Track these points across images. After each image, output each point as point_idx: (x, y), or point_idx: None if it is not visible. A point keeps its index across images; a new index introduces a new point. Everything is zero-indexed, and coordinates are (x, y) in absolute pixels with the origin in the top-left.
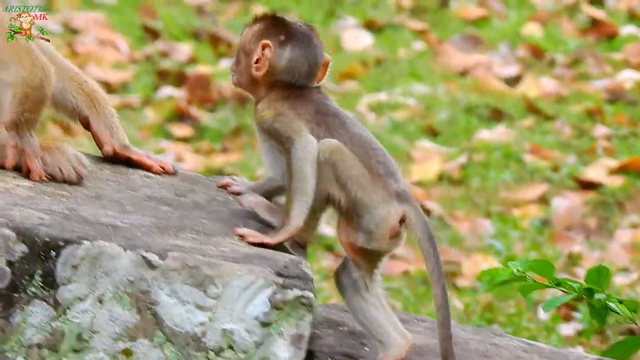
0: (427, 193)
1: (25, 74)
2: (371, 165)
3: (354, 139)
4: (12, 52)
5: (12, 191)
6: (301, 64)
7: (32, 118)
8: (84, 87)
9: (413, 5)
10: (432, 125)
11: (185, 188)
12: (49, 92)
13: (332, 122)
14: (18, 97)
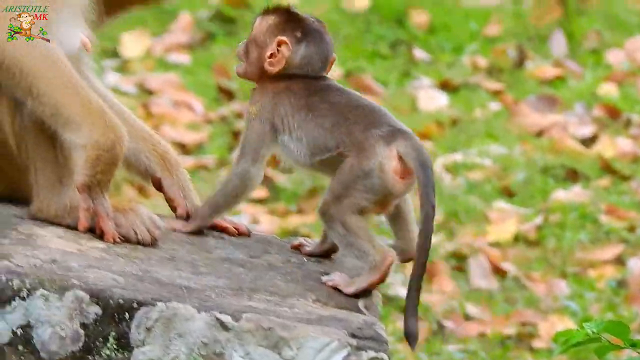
0: (503, 254)
1: (97, 136)
2: (350, 131)
3: (333, 109)
4: (85, 114)
5: (86, 253)
6: (315, 61)
7: (105, 180)
8: (157, 148)
9: (489, 65)
10: (508, 185)
11: (259, 249)
12: (121, 154)
13: (315, 100)
14: (90, 159)
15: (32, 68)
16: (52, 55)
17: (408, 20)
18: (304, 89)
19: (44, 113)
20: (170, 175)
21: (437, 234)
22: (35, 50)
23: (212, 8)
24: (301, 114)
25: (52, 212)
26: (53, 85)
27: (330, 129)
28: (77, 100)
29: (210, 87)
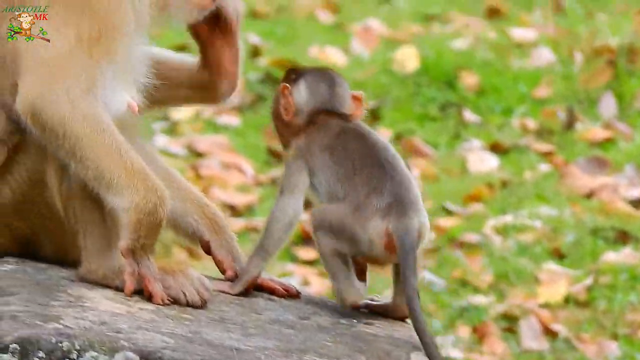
0: (553, 315)
1: (138, 200)
2: (355, 189)
3: (348, 158)
4: (127, 177)
5: (136, 314)
6: (322, 91)
7: (148, 243)
8: (205, 210)
9: (539, 127)
10: (559, 247)
11: (309, 311)
12: (163, 217)
13: (338, 143)
14: (132, 223)
15: (75, 130)
16: (95, 117)
17: (458, 82)
18: (331, 127)
19: (87, 176)
20: (218, 238)
21: (487, 296)
22: (78, 111)
23: (262, 70)
24: (325, 155)
25: (100, 274)
26: (95, 148)
27: (342, 179)
28: (119, 163)
29: (260, 150)
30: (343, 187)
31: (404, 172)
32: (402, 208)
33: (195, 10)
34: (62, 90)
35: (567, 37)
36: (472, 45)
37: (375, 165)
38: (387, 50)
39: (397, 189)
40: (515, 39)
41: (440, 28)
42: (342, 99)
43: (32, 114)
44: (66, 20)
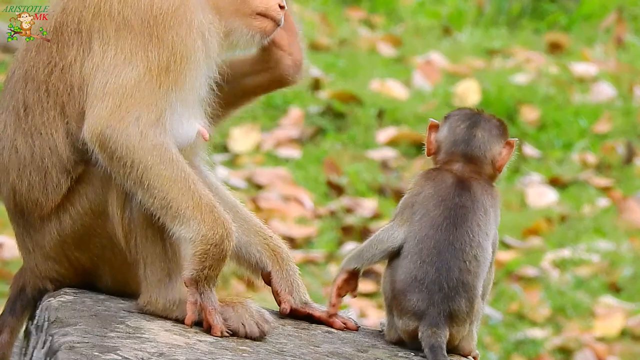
0: (609, 349)
1: (205, 231)
2: (410, 274)
3: (419, 238)
4: (194, 208)
5: (194, 346)
6: (457, 128)
7: (212, 275)
8: (268, 242)
9: (598, 161)
10: (616, 281)
11: (367, 344)
12: (229, 250)
13: (433, 205)
14: (198, 254)
15: (143, 159)
16: (163, 146)
17: (518, 116)
18: (446, 177)
19: (154, 205)
20: (280, 270)
21: (544, 329)
22: (147, 141)
23: (322, 103)
24: (421, 211)
25: (160, 305)
26: (163, 178)
27: (417, 238)
28: (187, 193)
29: (319, 182)
30: (411, 247)
31: (464, 263)
32: (436, 316)
33: (258, 35)
34: (131, 120)
35: (627, 72)
36: (533, 80)
37: (443, 245)
38: (448, 84)
39: (444, 287)
40: (576, 74)
41: (501, 62)
42: (483, 143)
43: (100, 142)
44: (135, 50)
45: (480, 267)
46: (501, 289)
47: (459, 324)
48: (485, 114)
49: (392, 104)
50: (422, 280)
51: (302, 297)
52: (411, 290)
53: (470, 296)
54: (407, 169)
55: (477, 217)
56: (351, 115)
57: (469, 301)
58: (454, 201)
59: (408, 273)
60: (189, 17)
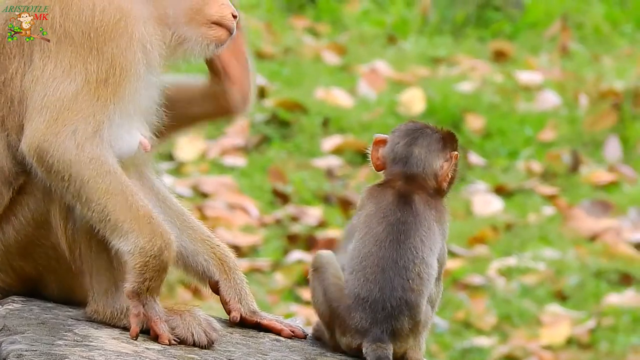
0: (555, 357)
1: (143, 243)
2: (354, 291)
3: (362, 255)
4: (132, 220)
5: (142, 354)
6: (398, 144)
7: (154, 286)
8: (215, 251)
9: (543, 170)
10: (562, 289)
11: (315, 352)
12: (169, 261)
13: (375, 222)
14: (138, 266)
15: (80, 173)
16: (101, 159)
17: (464, 124)
18: (386, 198)
19: (93, 218)
20: (228, 279)
21: (490, 337)
22: (84, 154)
23: (267, 111)
24: (364, 229)
25: (107, 315)
26: (100, 191)
27: (359, 257)
28: (124, 206)
29: (265, 191)
30: (355, 264)
31: (408, 281)
32: (380, 334)
33: (212, 45)
34: (68, 133)
35: (572, 81)
36: (478, 88)
37: (387, 262)
38: (393, 92)
39: (387, 307)
40: (521, 82)
41: (446, 71)
42: (420, 160)
43: (38, 156)
44: (74, 62)
45: (424, 284)
46: (447, 298)
47: (402, 340)
48: (428, 129)
49: (337, 112)
50: (366, 298)
51: (250, 306)
52: (355, 309)
53: (413, 314)
54: (352, 177)
55: (420, 232)
56: (296, 124)
57: (412, 319)
58: (395, 216)
59: (352, 290)
60: (130, 29)
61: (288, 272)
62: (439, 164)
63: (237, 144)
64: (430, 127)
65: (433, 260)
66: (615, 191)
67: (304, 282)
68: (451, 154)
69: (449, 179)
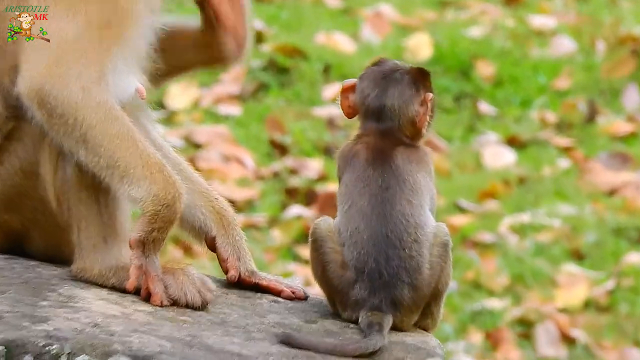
0: (572, 320)
1: (156, 191)
2: (350, 263)
3: (351, 231)
4: (144, 167)
5: (131, 316)
6: (371, 99)
7: (160, 238)
8: (214, 204)
9: (558, 120)
10: (578, 248)
11: (315, 314)
12: (180, 211)
13: (354, 194)
14: (148, 214)
15: (87, 117)
16: (108, 104)
17: (473, 72)
18: (361, 162)
19: (99, 165)
20: (226, 235)
21: (502, 299)
22: (91, 98)
23: (265, 57)
24: (348, 201)
25: (95, 272)
26: (110, 136)
27: (349, 238)
28: (135, 152)
29: (262, 141)
30: (345, 238)
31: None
32: (379, 303)
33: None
34: (73, 76)
35: (589, 25)
36: (489, 33)
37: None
38: (398, 38)
39: (384, 275)
40: (535, 27)
41: (455, 14)
42: (394, 111)
43: (39, 98)
44: (74, 5)
45: (423, 244)
46: (456, 256)
47: (404, 313)
48: (397, 72)
49: (338, 58)
50: (362, 269)
51: (248, 265)
52: (354, 281)
53: (414, 280)
54: (354, 127)
55: (406, 194)
56: (295, 70)
57: (413, 287)
58: (376, 184)
59: (348, 262)
60: None
61: (286, 229)
62: (414, 109)
63: (233, 92)
64: (400, 69)
65: (426, 216)
66: (635, 142)
67: (304, 239)
68: (425, 97)
69: (427, 123)
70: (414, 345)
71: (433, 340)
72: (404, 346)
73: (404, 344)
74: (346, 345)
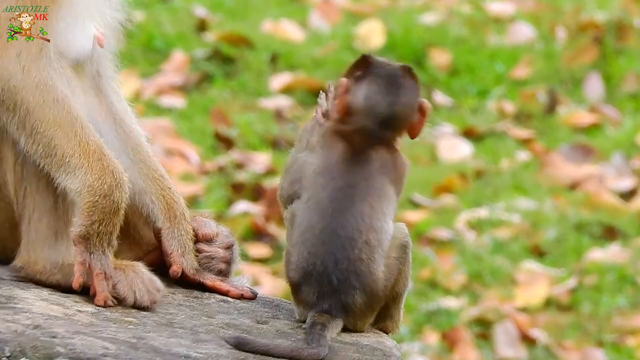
0: (532, 320)
1: (92, 180)
2: (299, 265)
3: (304, 227)
4: (80, 155)
5: (73, 317)
6: (376, 107)
7: (104, 231)
8: (165, 194)
9: (517, 110)
10: (539, 244)
11: (267, 314)
12: (121, 202)
13: (317, 186)
14: (86, 207)
15: (25, 100)
16: (47, 84)
17: (428, 60)
18: (336, 154)
19: (37, 152)
20: (171, 227)
21: (459, 298)
22: (30, 79)
23: (209, 46)
24: (309, 191)
25: (39, 267)
26: (48, 121)
27: (301, 235)
28: (73, 139)
29: (206, 134)
30: (298, 235)
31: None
32: (328, 308)
33: None
34: (12, 57)
35: (548, 12)
36: (444, 20)
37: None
38: (349, 25)
39: (333, 281)
40: (492, 13)
41: (408, 1)
42: (403, 119)
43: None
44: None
45: (375, 251)
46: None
47: (357, 317)
48: (405, 77)
49: (286, 47)
50: (310, 272)
51: (193, 262)
52: (303, 282)
53: (366, 285)
54: (303, 118)
55: (371, 198)
56: (241, 60)
57: (365, 292)
58: (343, 180)
59: (298, 264)
60: None
61: (232, 226)
62: (415, 116)
63: (175, 83)
64: (403, 71)
65: (386, 224)
66: (597, 134)
67: (251, 236)
68: (423, 106)
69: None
70: (370, 346)
71: (389, 341)
72: (359, 347)
73: (359, 344)
74: (302, 350)
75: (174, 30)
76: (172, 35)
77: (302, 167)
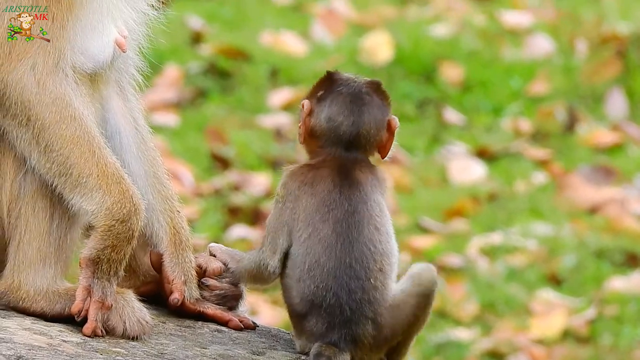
0: (548, 353)
1: (110, 203)
2: (306, 298)
3: (309, 265)
4: (99, 176)
5: (58, 348)
6: (343, 126)
7: (115, 258)
8: (173, 217)
9: (533, 129)
10: (556, 272)
11: (263, 345)
12: (136, 229)
13: (315, 220)
14: (101, 230)
15: (41, 116)
16: (65, 100)
17: (438, 75)
18: (325, 183)
19: (51, 171)
20: (175, 254)
21: (471, 329)
22: (46, 93)
23: (205, 60)
24: (307, 230)
25: (22, 293)
26: (64, 139)
27: (307, 272)
28: (90, 158)
29: (201, 154)
30: (302, 272)
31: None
32: (337, 339)
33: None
34: (26, 69)
35: (568, 23)
36: (456, 32)
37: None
38: (354, 37)
39: (346, 311)
40: (508, 25)
41: (418, 11)
42: (369, 136)
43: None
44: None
45: (387, 276)
46: None
47: (364, 349)
48: (367, 94)
49: (287, 61)
50: (320, 304)
51: (193, 292)
52: (310, 313)
53: (378, 316)
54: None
55: (374, 219)
56: (239, 74)
57: (376, 325)
58: (343, 208)
59: (304, 297)
60: None
61: None
62: (382, 134)
63: (169, 99)
64: (369, 88)
65: (392, 244)
66: (619, 154)
67: None
68: (390, 122)
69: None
70: None
71: None
72: None
73: None
74: None
75: (167, 43)
76: (166, 49)
77: (291, 217)
